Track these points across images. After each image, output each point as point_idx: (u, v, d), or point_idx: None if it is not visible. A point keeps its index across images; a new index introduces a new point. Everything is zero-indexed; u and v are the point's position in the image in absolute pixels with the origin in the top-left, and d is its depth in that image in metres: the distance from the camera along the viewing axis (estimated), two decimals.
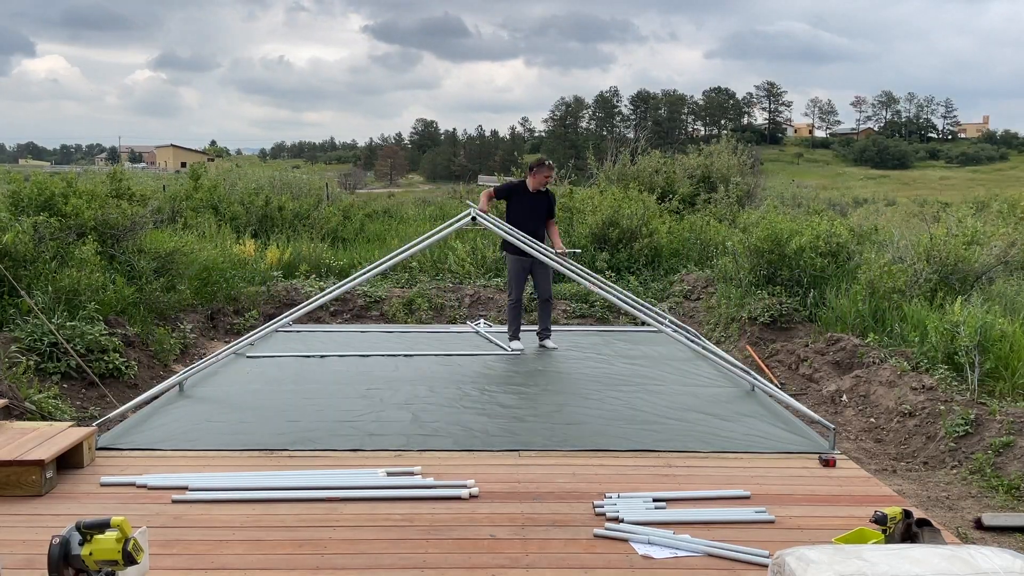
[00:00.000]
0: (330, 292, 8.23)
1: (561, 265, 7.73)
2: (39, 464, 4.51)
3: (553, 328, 10.30)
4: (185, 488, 4.63)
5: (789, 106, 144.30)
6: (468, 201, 9.51)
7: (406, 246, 9.65)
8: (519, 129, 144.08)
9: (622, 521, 4.24)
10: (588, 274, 8.40)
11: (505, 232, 7.88)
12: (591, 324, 10.66)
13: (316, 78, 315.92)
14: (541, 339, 8.65)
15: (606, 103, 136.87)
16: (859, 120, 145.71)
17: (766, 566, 3.52)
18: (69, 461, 4.89)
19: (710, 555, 3.93)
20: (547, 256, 7.80)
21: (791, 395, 7.07)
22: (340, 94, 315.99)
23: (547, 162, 8.59)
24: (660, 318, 8.26)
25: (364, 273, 8.21)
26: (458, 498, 4.57)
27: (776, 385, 7.62)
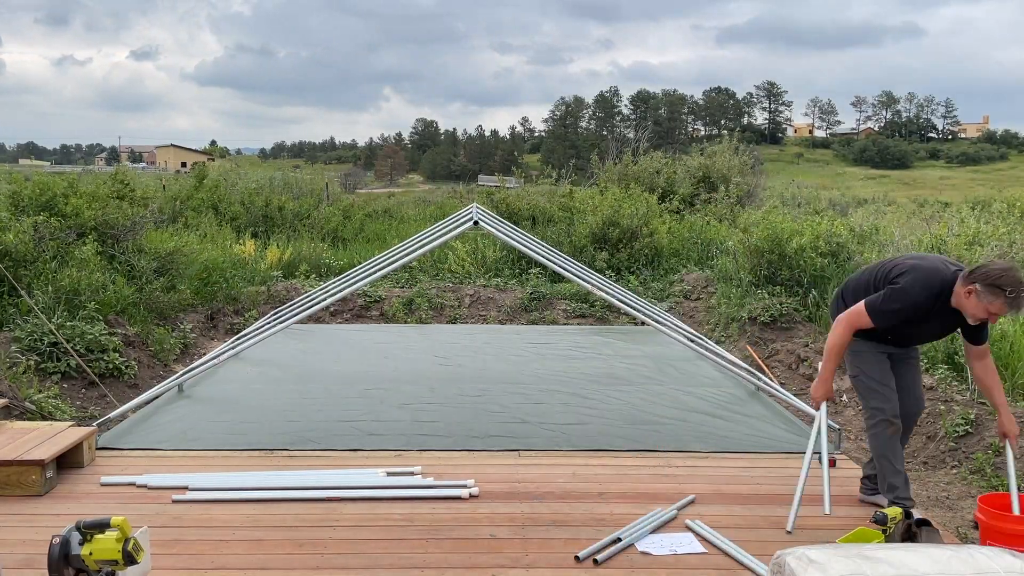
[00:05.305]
0: (334, 294, 8.22)
1: (564, 270, 7.73)
2: (39, 464, 4.51)
3: (553, 328, 10.32)
4: (185, 488, 4.63)
5: (789, 106, 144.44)
6: (476, 206, 9.43)
7: (406, 246, 9.65)
8: (519, 129, 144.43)
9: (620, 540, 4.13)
10: (588, 274, 8.39)
11: (506, 236, 7.83)
12: (591, 324, 10.66)
13: (290, 71, 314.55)
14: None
15: (606, 103, 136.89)
16: (859, 120, 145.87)
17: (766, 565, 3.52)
18: (69, 461, 4.89)
19: (710, 554, 3.93)
20: (553, 260, 7.77)
21: (791, 395, 7.06)
22: (317, 87, 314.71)
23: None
24: (659, 317, 8.25)
25: (367, 277, 8.20)
26: (458, 498, 4.57)
27: (776, 385, 7.61)
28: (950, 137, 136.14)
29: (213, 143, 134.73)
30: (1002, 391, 4.40)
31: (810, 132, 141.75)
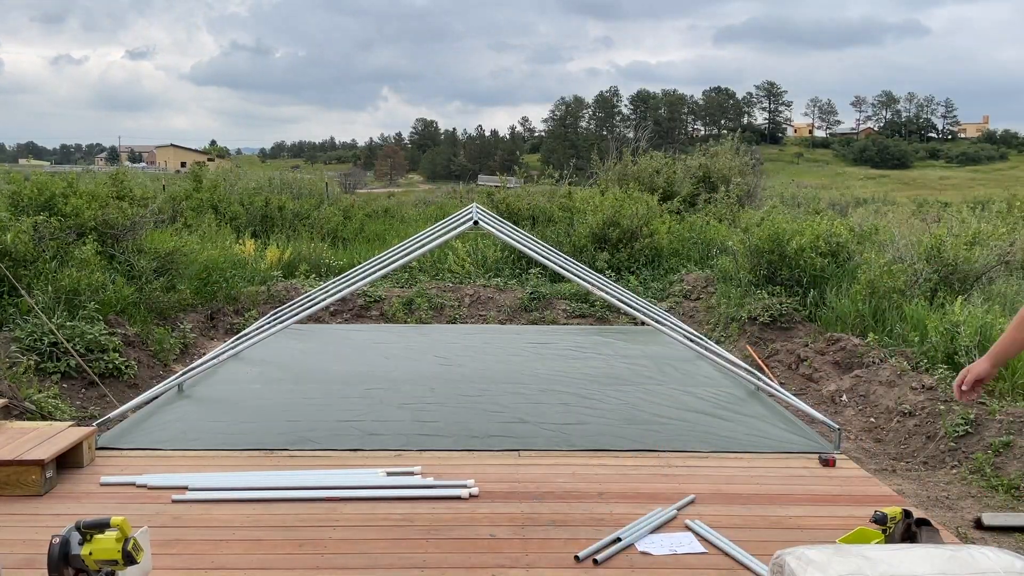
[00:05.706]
0: (334, 294, 8.22)
1: (564, 270, 7.72)
2: (39, 464, 4.51)
3: (553, 328, 10.32)
4: (185, 488, 4.63)
5: (789, 106, 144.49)
6: (476, 206, 9.41)
7: (406, 246, 9.64)
8: (519, 128, 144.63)
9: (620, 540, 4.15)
10: (589, 274, 8.38)
11: (506, 236, 7.81)
12: (591, 324, 10.66)
13: (288, 70, 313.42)
14: None
15: (606, 103, 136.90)
16: (859, 120, 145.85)
17: (766, 565, 3.52)
18: (69, 461, 4.89)
19: (710, 554, 3.93)
20: (565, 269, 7.77)
21: (791, 395, 7.06)
22: (315, 86, 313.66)
23: None
24: (659, 317, 8.25)
25: (367, 277, 8.20)
26: (458, 498, 4.57)
27: (776, 384, 7.60)
28: (950, 137, 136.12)
29: (213, 143, 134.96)
30: None
31: (810, 132, 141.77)
